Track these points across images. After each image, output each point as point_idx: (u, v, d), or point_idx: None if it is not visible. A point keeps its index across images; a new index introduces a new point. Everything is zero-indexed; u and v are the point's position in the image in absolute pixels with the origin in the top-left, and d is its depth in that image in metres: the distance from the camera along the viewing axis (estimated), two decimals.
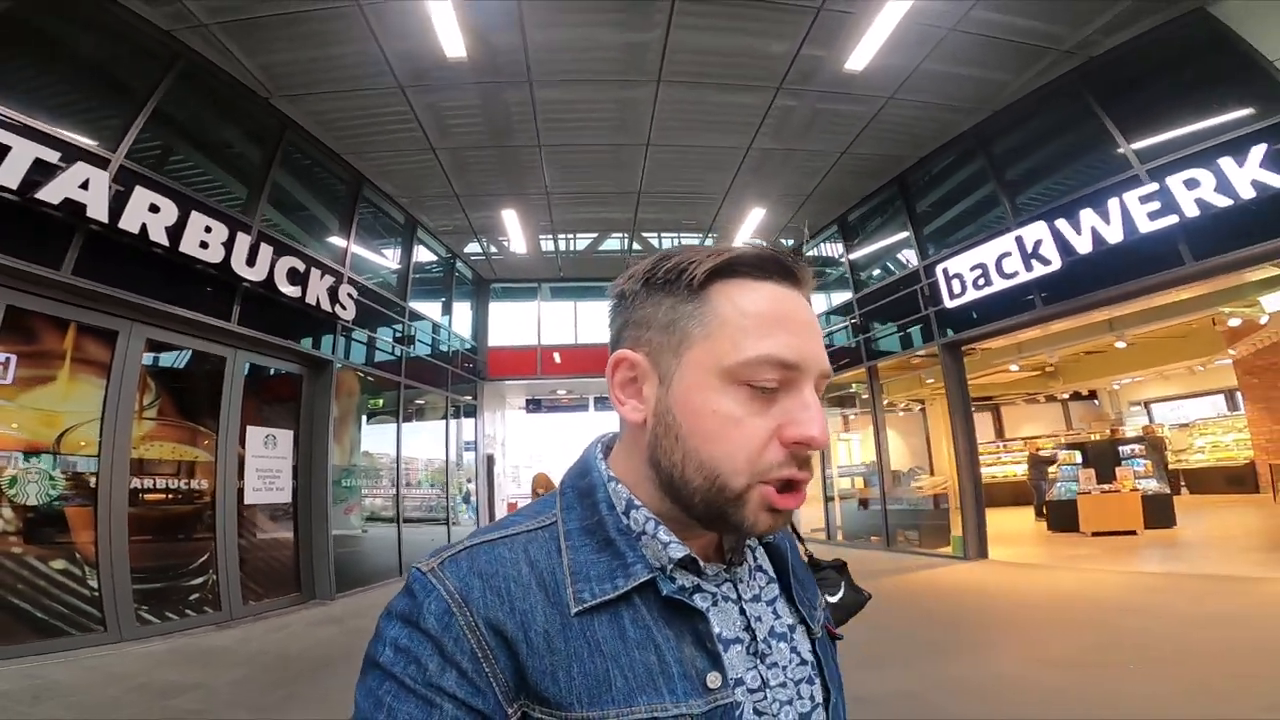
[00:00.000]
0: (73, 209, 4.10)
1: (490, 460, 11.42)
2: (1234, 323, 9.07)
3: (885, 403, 9.52)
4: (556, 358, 12.35)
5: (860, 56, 5.89)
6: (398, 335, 8.18)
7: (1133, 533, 8.22)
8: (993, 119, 7.30)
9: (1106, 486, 8.66)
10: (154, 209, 4.56)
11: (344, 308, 6.59)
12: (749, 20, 5.67)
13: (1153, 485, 8.67)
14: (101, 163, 4.43)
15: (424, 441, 9.70)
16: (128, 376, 4.80)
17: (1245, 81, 5.41)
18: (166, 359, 5.39)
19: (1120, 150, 6.11)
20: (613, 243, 11.29)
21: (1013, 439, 14.66)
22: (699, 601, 0.52)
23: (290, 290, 5.82)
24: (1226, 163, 5.23)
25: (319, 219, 7.48)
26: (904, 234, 8.69)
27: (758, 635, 0.55)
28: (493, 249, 10.95)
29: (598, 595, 0.49)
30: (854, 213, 9.73)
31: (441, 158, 7.61)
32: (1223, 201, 5.19)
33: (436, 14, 5.10)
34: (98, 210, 4.19)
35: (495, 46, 5.79)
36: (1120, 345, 10.24)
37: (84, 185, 4.12)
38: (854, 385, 10.26)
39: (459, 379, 10.37)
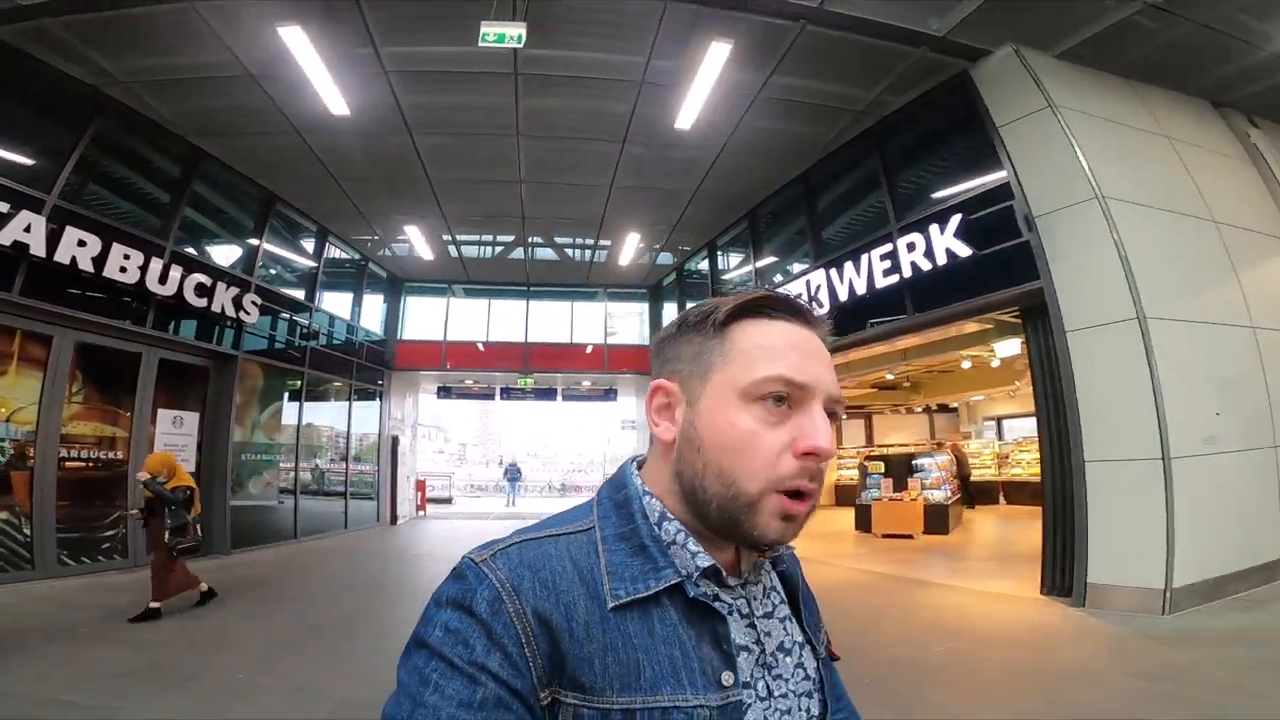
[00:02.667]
0: (19, 248, 5.63)
1: (395, 441, 13.13)
2: (995, 363, 10.56)
3: None
4: (480, 347, 14.07)
5: (686, 117, 7.17)
6: (303, 331, 9.80)
7: (910, 536, 9.79)
8: (816, 167, 8.76)
9: (897, 494, 10.34)
10: (81, 243, 6.09)
11: (248, 313, 8.18)
12: (586, 90, 7.05)
13: (937, 495, 10.33)
14: (38, 205, 5.93)
15: (329, 422, 11.37)
16: (60, 371, 6.36)
17: (979, 147, 6.45)
18: (92, 356, 6.92)
19: (885, 208, 7.53)
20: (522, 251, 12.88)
21: (864, 446, 16.21)
22: (719, 608, 0.61)
23: (197, 302, 7.40)
24: (934, 229, 6.43)
25: (232, 235, 8.98)
26: (748, 267, 10.53)
27: (766, 648, 0.63)
28: (402, 254, 12.48)
29: (631, 593, 0.57)
30: (721, 238, 11.55)
31: (344, 186, 9.14)
32: (926, 265, 6.54)
33: (318, 83, 6.43)
34: (37, 248, 5.74)
35: (374, 105, 7.17)
36: (966, 365, 12.19)
37: (27, 229, 5.65)
38: None
39: (364, 369, 12.04)
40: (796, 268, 9.20)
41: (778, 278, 9.84)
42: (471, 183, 9.28)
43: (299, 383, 10.05)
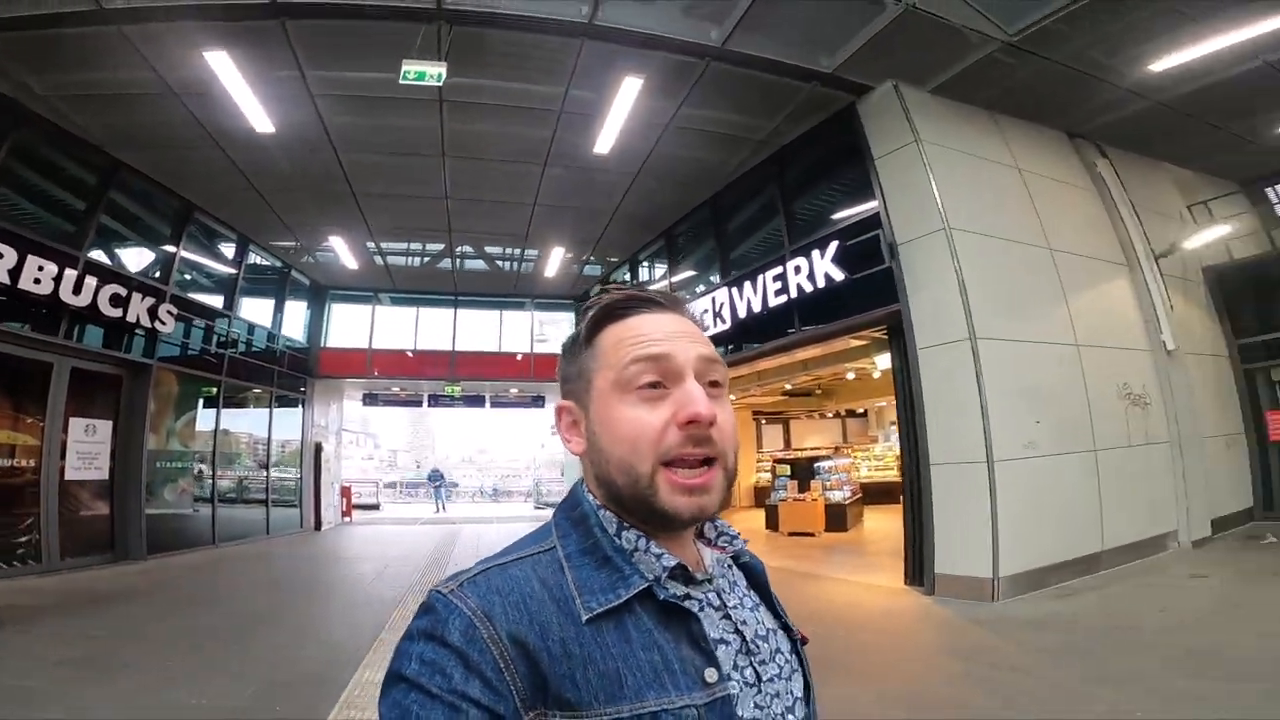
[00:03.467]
0: None
1: (319, 448, 13.23)
2: (877, 374, 11.49)
3: None
4: (409, 353, 14.30)
5: (604, 143, 7.62)
6: (221, 339, 9.91)
7: (813, 534, 10.61)
8: (724, 191, 9.48)
9: (801, 495, 11.25)
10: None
11: (163, 323, 8.33)
12: (509, 116, 7.50)
13: (837, 495, 11.28)
14: None
15: (249, 429, 11.43)
16: None
17: (859, 178, 7.15)
18: (1, 365, 6.96)
19: (780, 231, 8.34)
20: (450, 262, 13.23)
21: (782, 450, 17.06)
22: (690, 606, 0.63)
23: (112, 312, 7.53)
24: (816, 254, 7.21)
25: (149, 244, 9.07)
26: (665, 283, 11.28)
27: (746, 636, 0.65)
28: (327, 263, 12.61)
29: (603, 604, 0.59)
30: (642, 254, 12.29)
31: (267, 198, 9.34)
32: (809, 286, 7.34)
33: (242, 103, 6.64)
34: None
35: (300, 124, 7.43)
36: (850, 376, 13.27)
37: None
38: None
39: (286, 376, 12.14)
40: (707, 285, 9.99)
41: (698, 289, 10.55)
42: (398, 198, 9.65)
43: (216, 390, 10.13)
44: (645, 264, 12.41)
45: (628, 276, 12.62)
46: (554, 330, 15.43)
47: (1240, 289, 8.93)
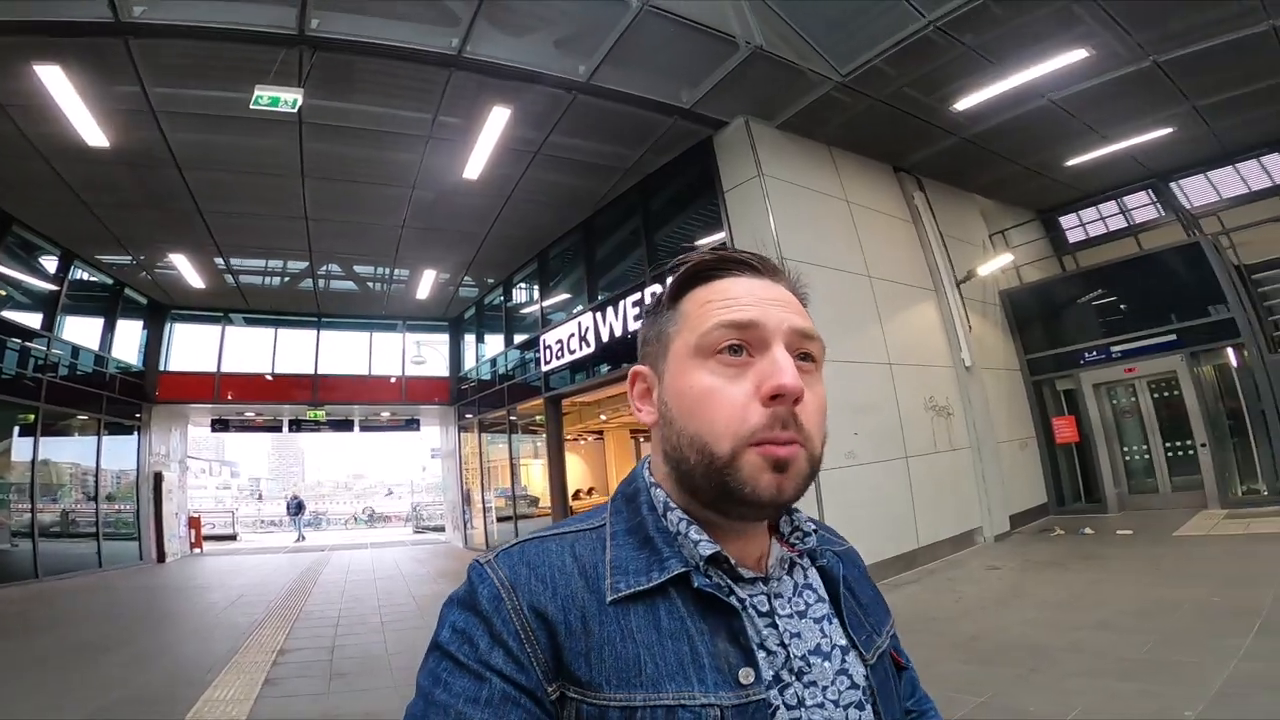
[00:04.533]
0: None
1: (159, 478, 12.31)
2: None
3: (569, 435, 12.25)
4: (269, 377, 13.61)
5: (473, 169, 7.71)
6: (39, 362, 9.13)
7: None
8: (596, 215, 9.85)
9: None
10: None
11: None
12: (373, 139, 7.50)
13: None
14: None
15: (74, 459, 10.52)
16: None
17: (712, 208, 7.73)
18: None
19: (643, 258, 8.88)
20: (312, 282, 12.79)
21: None
22: (733, 601, 0.59)
23: None
24: (669, 281, 8.48)
25: None
26: (535, 307, 11.64)
27: (793, 651, 0.59)
28: (168, 280, 11.82)
29: (633, 586, 0.57)
30: (516, 275, 12.56)
31: (98, 212, 8.77)
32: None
33: (74, 117, 6.26)
34: None
35: (138, 139, 7.08)
36: None
37: None
38: (536, 416, 13.01)
39: (117, 402, 11.28)
40: (578, 307, 10.47)
41: (574, 310, 10.91)
42: (251, 216, 9.35)
43: (33, 417, 9.29)
44: (522, 285, 12.70)
45: (502, 299, 12.85)
46: (431, 352, 15.29)
47: (1029, 310, 10.57)
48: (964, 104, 7.55)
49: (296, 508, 20.22)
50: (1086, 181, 10.82)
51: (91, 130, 6.55)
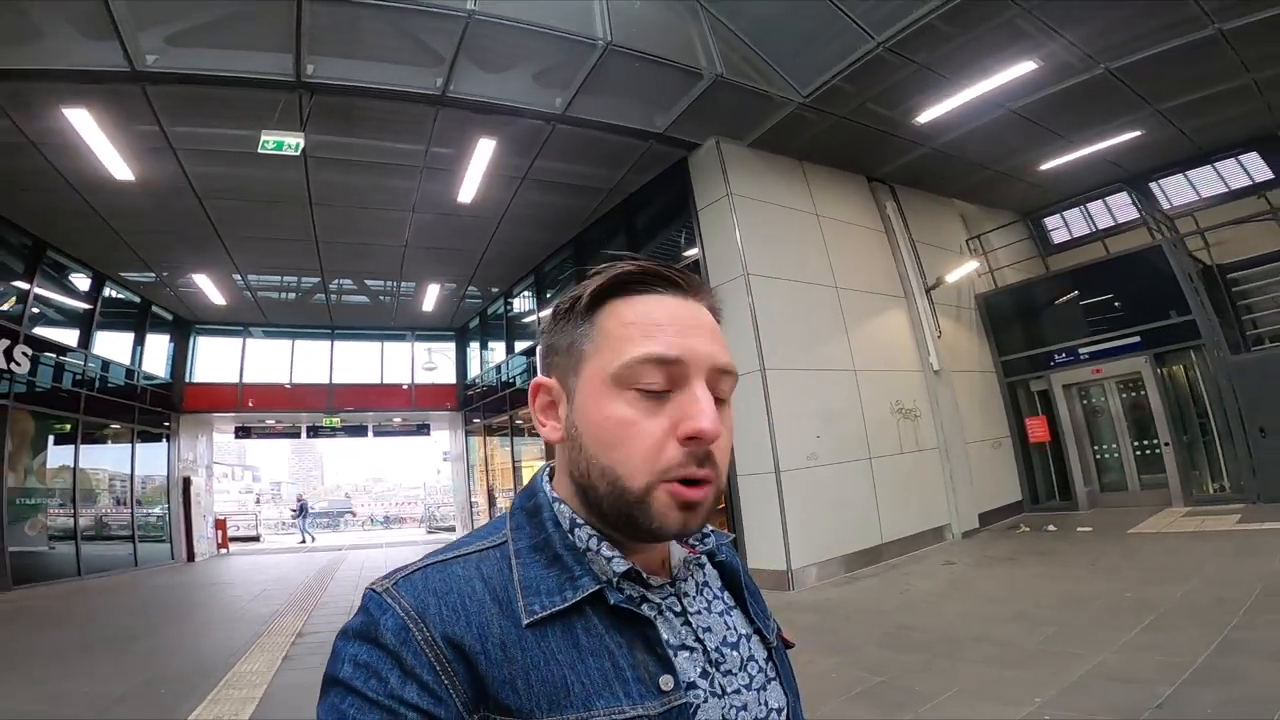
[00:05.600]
0: None
1: (187, 482, 13.32)
2: None
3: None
4: (287, 386, 14.58)
5: (466, 193, 8.46)
6: (77, 377, 10.11)
7: None
8: (585, 231, 10.55)
9: None
10: None
11: (19, 364, 8.59)
12: (372, 169, 8.29)
13: None
14: None
15: (111, 465, 11.53)
16: None
17: (688, 227, 8.25)
18: None
19: None
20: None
21: None
22: (646, 610, 0.60)
23: None
24: None
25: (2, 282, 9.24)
26: (533, 316, 12.41)
27: (708, 645, 0.62)
28: (191, 296, 12.86)
29: (548, 607, 0.57)
30: (515, 288, 13.34)
31: (127, 239, 9.72)
32: None
33: (101, 155, 7.05)
34: None
35: (160, 172, 7.86)
36: None
37: None
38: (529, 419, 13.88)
39: (148, 412, 12.31)
40: None
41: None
42: (266, 240, 10.24)
43: (72, 428, 10.27)
44: (523, 295, 13.47)
45: (503, 310, 13.63)
46: (442, 358, 16.19)
47: (1004, 313, 10.99)
48: (925, 117, 7.94)
49: (300, 511, 21.36)
50: (1066, 184, 11.15)
51: (118, 165, 7.29)
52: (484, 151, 7.73)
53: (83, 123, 6.56)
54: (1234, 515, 7.84)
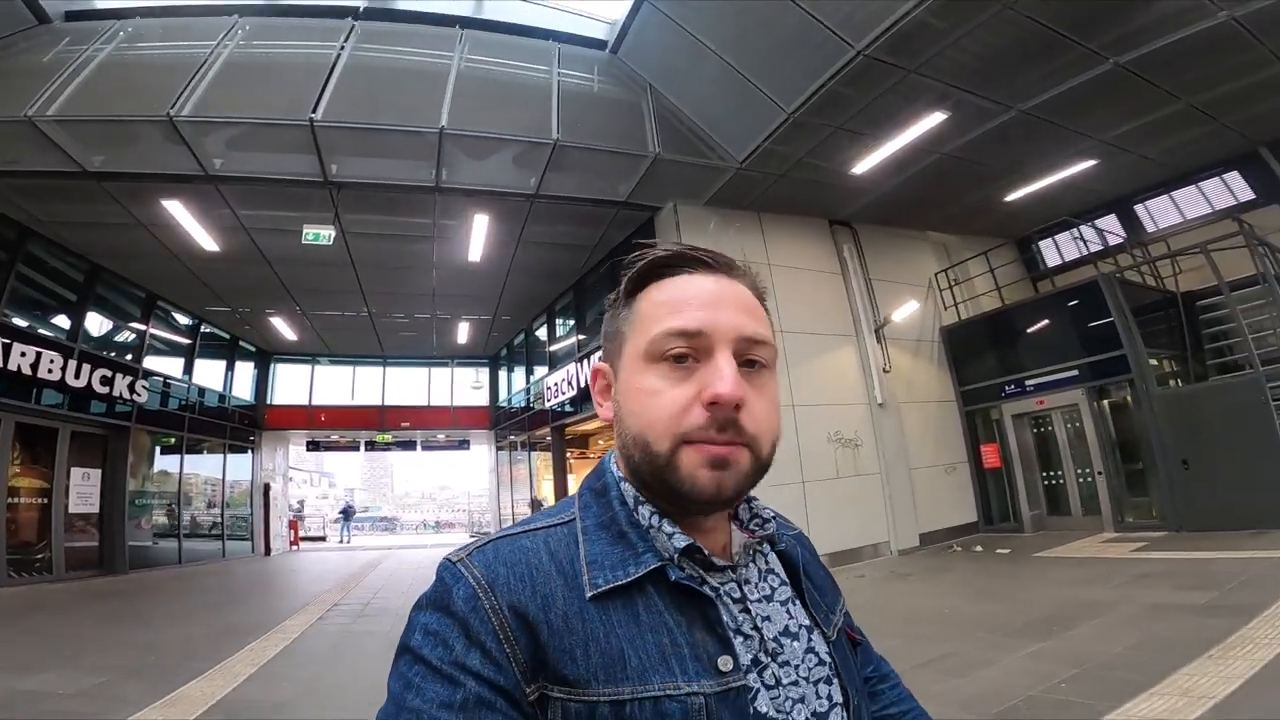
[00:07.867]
0: None
1: (267, 488, 16.38)
2: None
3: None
4: (349, 406, 17.54)
5: (473, 254, 10.52)
6: (181, 402, 13.13)
7: None
8: (582, 279, 12.51)
9: None
10: (23, 354, 9.41)
11: (139, 396, 11.54)
12: (395, 238, 10.65)
13: None
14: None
15: (208, 473, 14.64)
16: (2, 443, 9.59)
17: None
18: (25, 432, 10.10)
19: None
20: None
21: None
22: (706, 591, 0.62)
23: (101, 390, 10.76)
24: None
25: (124, 329, 12.33)
26: (545, 349, 14.59)
27: (765, 634, 0.64)
28: (268, 332, 15.82)
29: (611, 581, 0.60)
30: (534, 324, 15.57)
31: (216, 290, 12.65)
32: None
33: (191, 232, 9.52)
34: None
35: (238, 244, 10.40)
36: None
37: None
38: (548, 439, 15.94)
39: (237, 430, 15.36)
40: (569, 356, 13.23)
41: (565, 359, 13.46)
42: (324, 292, 12.94)
43: (177, 443, 13.31)
44: (540, 331, 15.69)
45: (524, 341, 15.93)
46: (485, 378, 18.73)
47: (965, 345, 11.98)
48: (860, 168, 8.81)
49: (345, 514, 24.21)
50: (1052, 208, 11.56)
51: (205, 239, 9.78)
52: (480, 223, 9.76)
53: (177, 210, 8.93)
54: (1142, 543, 8.53)
